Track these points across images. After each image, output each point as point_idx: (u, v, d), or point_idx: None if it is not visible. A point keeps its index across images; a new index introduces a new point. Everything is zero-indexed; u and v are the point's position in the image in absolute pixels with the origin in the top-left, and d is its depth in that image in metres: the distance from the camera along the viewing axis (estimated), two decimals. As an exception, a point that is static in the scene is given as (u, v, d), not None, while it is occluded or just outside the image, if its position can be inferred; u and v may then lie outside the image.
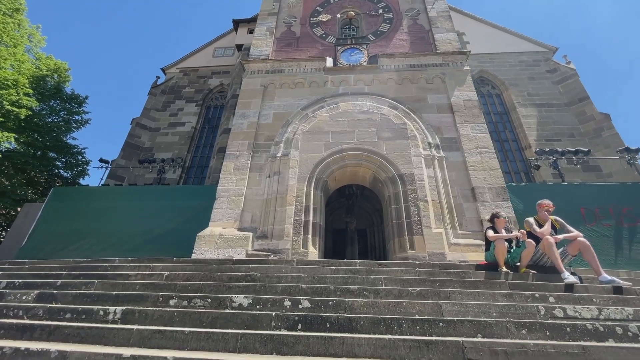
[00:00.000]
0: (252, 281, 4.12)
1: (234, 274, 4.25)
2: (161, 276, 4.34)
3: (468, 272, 4.41)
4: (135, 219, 9.32)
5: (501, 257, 4.54)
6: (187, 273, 4.34)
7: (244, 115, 9.42)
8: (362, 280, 4.06)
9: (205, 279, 4.22)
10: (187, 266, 4.70)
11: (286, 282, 4.09)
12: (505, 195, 7.89)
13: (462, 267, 4.71)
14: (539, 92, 15.35)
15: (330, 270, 4.43)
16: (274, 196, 8.09)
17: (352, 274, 4.34)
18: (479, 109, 9.15)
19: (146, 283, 4.04)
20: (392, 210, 7.88)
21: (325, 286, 3.80)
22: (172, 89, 16.05)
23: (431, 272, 4.43)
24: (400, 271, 4.40)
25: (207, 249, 7.59)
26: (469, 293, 3.67)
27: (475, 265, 4.77)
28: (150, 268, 4.74)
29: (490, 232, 4.81)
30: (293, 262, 4.77)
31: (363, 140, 8.62)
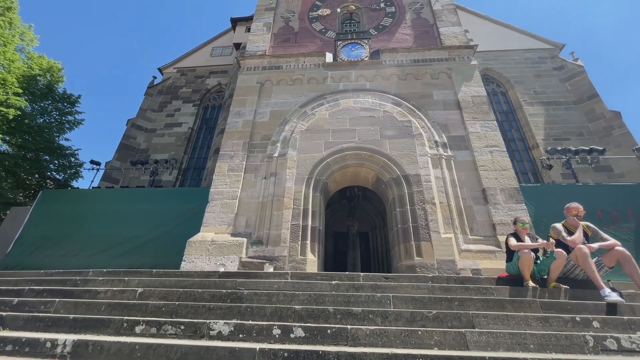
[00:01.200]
0: (237, 300, 3.46)
1: (218, 292, 3.59)
2: (134, 293, 3.68)
3: (490, 288, 3.72)
4: (127, 223, 8.70)
5: (527, 269, 3.86)
6: (163, 290, 3.68)
7: (239, 114, 8.78)
8: (367, 299, 3.38)
9: (184, 297, 3.56)
10: (166, 281, 4.04)
11: (277, 301, 3.42)
12: (519, 197, 7.20)
13: (481, 282, 4.03)
14: (546, 90, 14.64)
15: (330, 286, 3.76)
16: (270, 199, 7.43)
17: (355, 291, 3.67)
18: (488, 106, 8.47)
19: (114, 303, 3.38)
20: (397, 214, 7.20)
21: (324, 308, 3.12)
22: (169, 89, 15.45)
23: (447, 289, 3.74)
24: (411, 287, 3.72)
25: (197, 256, 6.94)
26: (496, 317, 2.99)
27: (495, 278, 4.08)
28: (124, 283, 4.09)
29: (512, 241, 4.12)
30: (287, 275, 4.10)
31: (365, 139, 7.95)
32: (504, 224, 6.89)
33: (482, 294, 3.65)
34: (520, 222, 4.28)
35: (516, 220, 4.35)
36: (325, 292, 3.57)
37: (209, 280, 3.95)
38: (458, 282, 4.01)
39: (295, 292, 3.59)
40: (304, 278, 4.04)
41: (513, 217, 6.96)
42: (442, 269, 6.39)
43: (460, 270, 6.29)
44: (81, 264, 8.26)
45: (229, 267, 6.72)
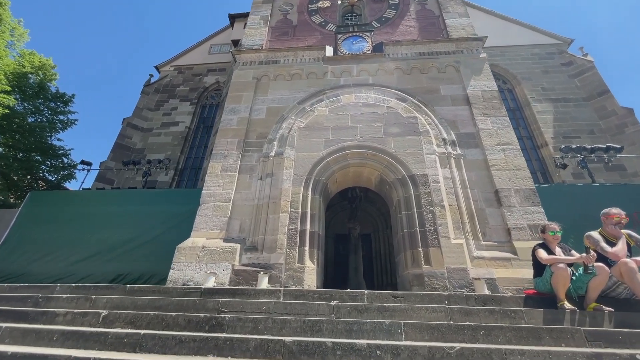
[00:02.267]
0: (217, 328, 2.82)
1: (195, 316, 2.95)
2: (97, 317, 3.05)
3: (519, 312, 3.06)
4: (118, 226, 8.11)
5: (563, 287, 3.20)
6: (131, 313, 3.05)
7: (233, 111, 8.15)
8: (373, 327, 2.74)
9: (155, 322, 2.93)
10: (139, 300, 3.42)
11: (265, 329, 2.79)
12: (536, 199, 6.52)
13: (506, 302, 3.37)
14: (554, 87, 13.91)
15: (328, 309, 3.12)
16: (266, 201, 6.80)
17: (359, 315, 3.03)
18: (499, 101, 7.79)
19: (70, 331, 2.76)
20: (403, 218, 6.55)
21: (320, 341, 2.48)
22: (166, 87, 14.85)
23: (467, 312, 3.09)
24: (425, 310, 3.07)
25: (187, 263, 6.32)
26: (536, 355, 2.33)
27: (522, 297, 3.42)
28: (90, 302, 3.47)
29: (542, 253, 3.46)
30: (279, 293, 3.46)
31: (368, 137, 7.30)
32: (520, 228, 6.23)
33: (510, 318, 3.00)
34: (551, 230, 3.60)
35: (545, 228, 3.67)
36: (323, 317, 2.93)
37: (187, 300, 3.33)
38: (479, 302, 3.35)
39: (287, 316, 2.95)
40: (298, 297, 3.40)
41: (534, 222, 6.27)
42: (453, 278, 5.74)
43: (472, 280, 5.63)
44: (67, 270, 7.69)
45: (221, 275, 6.10)
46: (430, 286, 5.68)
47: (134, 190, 9.45)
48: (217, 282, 6.01)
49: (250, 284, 5.93)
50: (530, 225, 6.25)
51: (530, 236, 6.14)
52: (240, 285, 5.96)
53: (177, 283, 6.10)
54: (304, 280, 5.88)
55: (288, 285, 5.80)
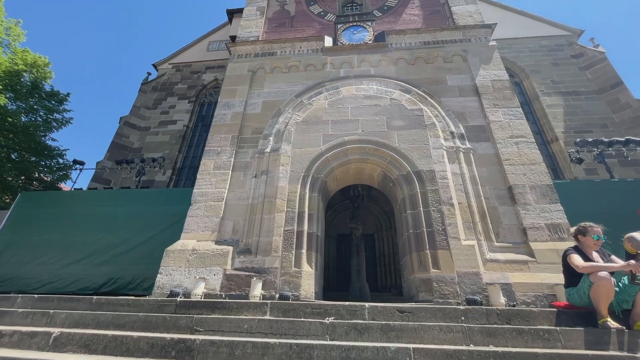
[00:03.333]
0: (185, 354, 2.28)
1: (162, 338, 2.42)
2: (47, 338, 2.53)
3: (553, 332, 2.47)
4: (110, 228, 7.63)
5: (605, 301, 2.61)
6: (87, 334, 2.52)
7: (227, 105, 7.62)
8: (376, 353, 2.17)
9: (112, 345, 2.40)
10: (102, 316, 2.89)
11: (242, 356, 2.24)
12: (554, 195, 5.90)
13: (535, 317, 2.78)
14: (564, 79, 13.18)
15: (322, 328, 2.56)
16: (261, 200, 6.26)
17: (358, 335, 2.47)
18: (511, 91, 7.16)
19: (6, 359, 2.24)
20: (408, 217, 5.97)
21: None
22: (164, 85, 14.39)
23: (490, 331, 2.51)
24: (439, 330, 2.50)
25: (176, 267, 5.80)
26: (588, 396, 1.76)
27: (554, 312, 2.83)
28: (47, 318, 2.95)
29: (578, 260, 2.85)
30: (265, 307, 2.91)
31: (370, 131, 6.73)
32: (537, 228, 5.61)
33: (544, 340, 2.41)
34: (595, 234, 2.94)
35: (586, 230, 3.02)
36: (315, 340, 2.37)
37: (158, 316, 2.79)
38: (503, 318, 2.76)
39: (271, 338, 2.41)
40: (288, 312, 2.84)
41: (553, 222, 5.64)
42: (464, 284, 5.15)
43: (486, 286, 5.04)
44: (58, 274, 7.25)
45: (211, 281, 5.57)
46: (439, 292, 5.10)
47: (127, 190, 8.96)
48: (208, 288, 5.50)
49: (242, 290, 5.40)
50: (549, 224, 5.63)
51: (549, 236, 5.52)
52: (232, 292, 5.43)
53: (164, 289, 5.59)
54: (301, 285, 5.33)
55: (284, 291, 5.25)
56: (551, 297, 4.99)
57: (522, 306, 5.01)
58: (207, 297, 5.38)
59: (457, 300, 5.03)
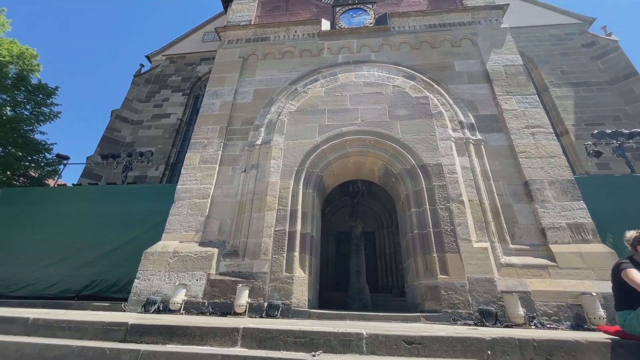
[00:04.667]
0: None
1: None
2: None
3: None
4: (95, 226, 7.01)
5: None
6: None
7: (216, 94, 6.91)
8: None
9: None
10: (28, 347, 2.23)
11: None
12: (576, 192, 5.19)
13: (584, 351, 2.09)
14: (575, 70, 12.36)
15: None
16: (250, 197, 5.58)
17: (352, 381, 1.80)
18: (525, 77, 6.41)
19: None
20: (412, 216, 5.28)
21: None
22: (157, 77, 13.67)
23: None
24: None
25: (155, 271, 5.16)
26: None
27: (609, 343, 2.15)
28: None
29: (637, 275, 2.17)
30: (236, 335, 2.24)
31: (370, 120, 6.02)
32: (557, 228, 4.91)
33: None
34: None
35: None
36: (293, 391, 1.71)
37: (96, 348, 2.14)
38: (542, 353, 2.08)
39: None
40: (264, 343, 2.17)
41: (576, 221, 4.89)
42: (477, 292, 4.48)
43: (501, 294, 4.37)
44: (37, 275, 6.67)
45: (193, 287, 4.93)
46: (447, 301, 4.43)
47: (113, 186, 8.32)
48: (189, 295, 4.85)
49: (227, 297, 4.75)
50: (571, 224, 4.93)
51: (571, 238, 4.83)
52: (216, 299, 4.79)
53: (141, 296, 4.96)
54: (293, 293, 4.67)
55: (273, 300, 4.60)
56: (576, 308, 4.32)
57: (543, 318, 4.35)
58: (187, 306, 4.74)
59: (469, 310, 4.37)
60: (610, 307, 4.28)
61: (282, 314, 4.50)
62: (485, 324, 4.14)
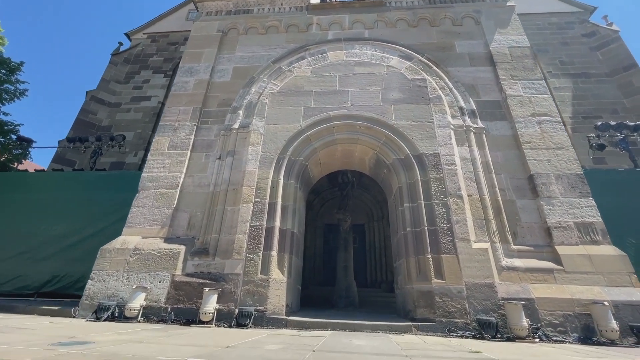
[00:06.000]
0: None
1: None
2: None
3: None
4: (57, 217, 6.22)
5: None
6: None
7: (190, 71, 6.06)
8: None
9: None
10: None
11: None
12: (584, 188, 4.61)
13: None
14: (574, 60, 11.77)
15: None
16: (224, 188, 4.85)
17: None
18: (532, 60, 5.74)
19: None
20: (405, 212, 4.64)
21: None
22: (137, 57, 12.57)
23: None
24: None
25: (112, 271, 4.44)
26: None
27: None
28: None
29: None
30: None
31: (361, 104, 5.29)
32: (564, 227, 4.35)
33: None
34: None
35: None
36: None
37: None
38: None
39: None
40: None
41: (584, 220, 4.31)
42: (475, 299, 3.91)
43: (503, 302, 3.81)
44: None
45: (155, 290, 4.24)
46: (442, 309, 3.86)
47: (79, 173, 7.46)
48: (150, 299, 4.17)
49: (194, 302, 4.08)
50: (579, 223, 4.37)
51: (579, 239, 4.27)
52: (180, 304, 4.11)
53: (95, 299, 4.25)
54: (268, 298, 4.03)
55: (245, 306, 3.96)
56: (584, 318, 3.80)
57: (548, 329, 3.82)
58: (147, 312, 4.06)
59: (466, 320, 3.82)
60: (622, 318, 3.79)
61: (255, 323, 3.86)
62: (484, 336, 3.59)
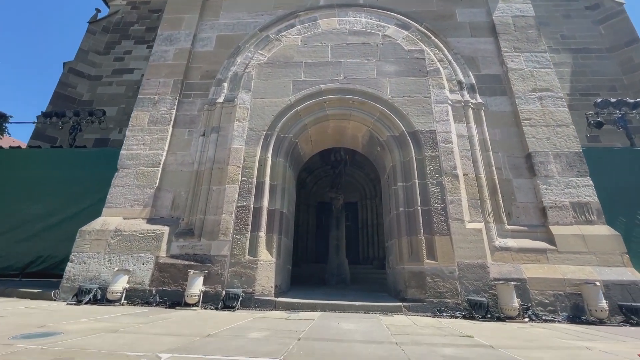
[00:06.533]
0: None
1: None
2: None
3: None
4: (38, 196, 5.92)
5: None
6: None
7: (170, 40, 5.54)
8: None
9: None
10: None
11: None
12: (582, 167, 4.45)
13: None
14: (575, 34, 11.30)
15: None
16: (209, 166, 4.56)
17: None
18: (536, 31, 5.37)
19: None
20: (399, 191, 4.45)
21: None
22: (117, 26, 11.65)
23: None
24: None
25: (93, 253, 4.22)
26: None
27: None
28: None
29: None
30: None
31: (354, 77, 4.92)
32: (559, 207, 4.22)
33: None
34: None
35: None
36: None
37: None
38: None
39: None
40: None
41: (580, 200, 4.21)
42: (467, 279, 3.83)
43: (494, 283, 3.74)
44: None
45: (138, 273, 4.05)
46: (434, 290, 3.78)
47: (59, 150, 7.02)
48: (134, 282, 3.99)
49: (179, 285, 3.93)
50: (574, 203, 4.24)
51: (574, 218, 4.17)
52: (166, 287, 3.96)
53: (76, 282, 4.06)
54: (256, 279, 3.88)
55: (232, 288, 3.82)
56: (574, 298, 3.77)
57: (538, 308, 3.79)
58: (131, 294, 3.90)
59: (457, 300, 3.75)
60: (612, 297, 3.77)
61: (243, 304, 3.74)
62: (474, 316, 3.53)
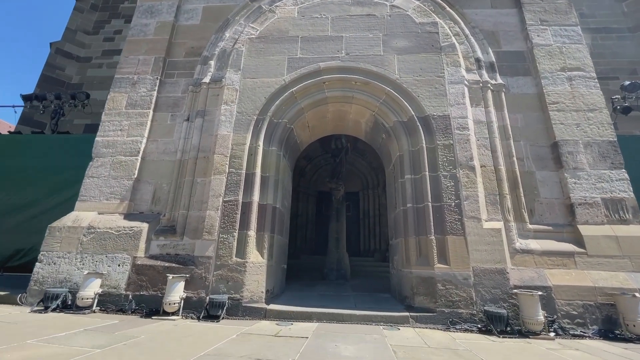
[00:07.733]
0: None
1: None
2: None
3: None
4: (17, 185, 5.42)
5: None
6: None
7: (150, 11, 4.82)
8: None
9: None
10: None
11: None
12: (617, 157, 3.82)
13: None
14: (596, 13, 10.34)
15: None
16: (194, 155, 3.99)
17: None
18: (567, 0, 4.60)
19: None
20: (406, 185, 3.86)
21: None
22: (106, 3, 10.78)
23: None
24: None
25: (63, 253, 3.73)
26: None
27: None
28: None
29: None
30: None
31: (358, 54, 4.24)
32: (589, 204, 3.64)
33: None
34: None
35: None
36: None
37: None
38: None
39: None
40: None
41: (613, 196, 3.62)
42: (484, 287, 3.31)
43: (515, 291, 3.22)
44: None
45: (113, 275, 3.56)
46: (445, 298, 3.27)
47: (40, 135, 6.46)
48: (108, 285, 3.52)
49: (158, 289, 3.44)
50: (607, 199, 3.65)
51: (606, 217, 3.59)
52: (143, 291, 3.48)
53: (45, 285, 3.59)
54: (244, 284, 3.38)
55: (217, 294, 3.33)
56: (607, 309, 3.24)
57: (564, 321, 3.28)
58: (105, 300, 3.42)
59: (471, 310, 3.25)
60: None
61: (229, 313, 3.25)
62: (491, 330, 3.03)
